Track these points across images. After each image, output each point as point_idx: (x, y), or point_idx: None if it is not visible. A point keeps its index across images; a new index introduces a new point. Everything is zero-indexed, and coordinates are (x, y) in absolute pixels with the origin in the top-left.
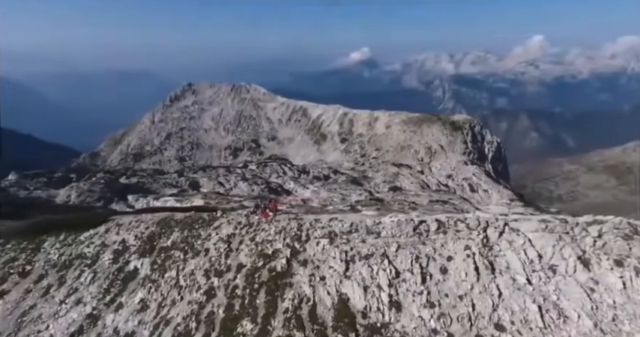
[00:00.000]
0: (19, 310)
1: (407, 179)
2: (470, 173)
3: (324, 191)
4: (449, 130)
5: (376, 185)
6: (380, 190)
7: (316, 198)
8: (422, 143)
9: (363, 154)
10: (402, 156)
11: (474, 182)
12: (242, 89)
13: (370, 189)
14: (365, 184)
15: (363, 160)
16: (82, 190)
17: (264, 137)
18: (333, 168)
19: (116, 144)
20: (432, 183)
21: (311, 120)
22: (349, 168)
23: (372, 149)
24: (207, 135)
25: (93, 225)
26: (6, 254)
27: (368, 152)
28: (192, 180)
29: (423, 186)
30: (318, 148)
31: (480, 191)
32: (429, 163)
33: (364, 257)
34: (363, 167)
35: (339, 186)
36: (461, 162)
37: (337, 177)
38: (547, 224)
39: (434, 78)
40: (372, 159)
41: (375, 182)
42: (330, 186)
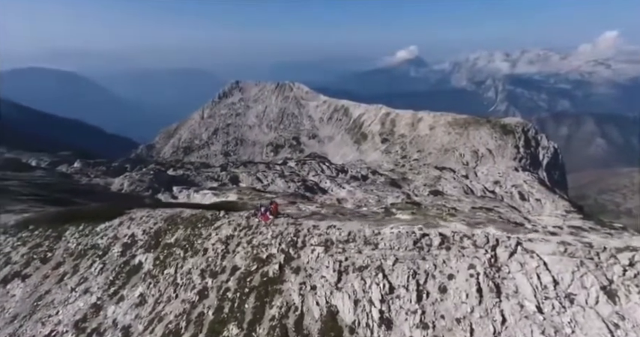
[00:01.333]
0: (36, 294)
1: (449, 183)
2: (520, 180)
3: (360, 191)
4: (499, 133)
5: (416, 188)
6: (419, 193)
7: (351, 199)
8: (468, 146)
9: (404, 156)
10: (446, 159)
11: (525, 190)
12: (286, 87)
13: (409, 192)
14: (404, 186)
15: (403, 162)
16: (134, 180)
17: (305, 135)
18: (372, 169)
19: (169, 138)
20: (477, 188)
21: (352, 120)
22: (388, 170)
23: (414, 150)
24: (251, 131)
25: (109, 217)
26: (33, 240)
27: (409, 153)
28: (232, 174)
29: (467, 192)
30: (358, 148)
31: (532, 200)
32: (474, 168)
33: (358, 269)
34: (403, 169)
35: (376, 188)
36: (511, 167)
37: (376, 178)
38: (567, 247)
39: (486, 77)
40: (413, 161)
41: (414, 185)
42: (367, 186)
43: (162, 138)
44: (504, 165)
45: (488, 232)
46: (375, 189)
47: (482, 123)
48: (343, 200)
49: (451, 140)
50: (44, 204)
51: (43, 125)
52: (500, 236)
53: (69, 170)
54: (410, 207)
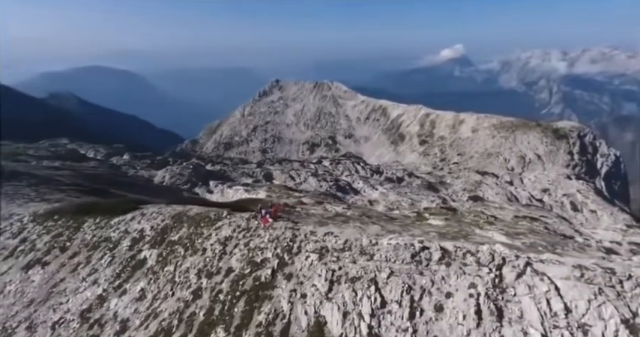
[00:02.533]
0: (52, 281)
1: (491, 189)
2: (573, 189)
3: (394, 194)
4: (550, 138)
5: (454, 192)
6: (457, 199)
7: (383, 201)
8: (514, 151)
9: (443, 158)
10: (488, 163)
11: (578, 200)
12: (324, 86)
13: (445, 197)
14: (441, 190)
15: (442, 165)
16: (174, 173)
17: (341, 134)
18: (409, 171)
19: (212, 134)
20: (523, 196)
21: (390, 120)
22: (426, 172)
23: (454, 153)
24: (289, 129)
25: (124, 211)
26: (55, 230)
27: (449, 156)
28: (266, 171)
29: (511, 199)
30: (395, 149)
31: (586, 211)
32: (520, 174)
33: (350, 280)
34: (441, 172)
35: (410, 190)
36: (562, 175)
37: (411, 181)
38: (584, 271)
39: (539, 78)
40: (453, 165)
41: (453, 189)
42: (401, 189)
43: (205, 134)
44: (555, 172)
45: (494, 249)
46: (409, 191)
47: (531, 126)
48: (375, 202)
49: (495, 144)
50: (82, 194)
51: (102, 119)
52: (508, 254)
53: (119, 162)
54: (444, 213)
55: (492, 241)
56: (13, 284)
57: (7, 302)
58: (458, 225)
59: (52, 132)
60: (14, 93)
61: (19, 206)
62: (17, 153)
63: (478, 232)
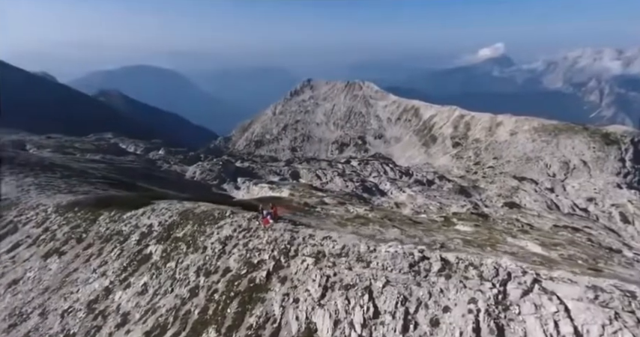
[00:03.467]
0: (66, 271)
1: (529, 196)
2: (624, 198)
3: (422, 197)
4: (598, 143)
5: (488, 198)
6: (491, 204)
7: (410, 204)
8: (556, 156)
9: (477, 162)
10: (527, 168)
11: (629, 211)
12: (355, 86)
13: (477, 202)
14: (474, 195)
15: (476, 168)
16: (204, 169)
17: (371, 135)
18: (440, 174)
19: (244, 131)
20: (565, 204)
21: (422, 121)
22: (458, 176)
23: (489, 157)
24: (318, 128)
25: (137, 206)
26: (74, 221)
27: (484, 160)
28: (294, 170)
29: (551, 207)
30: (426, 151)
31: (638, 224)
32: (563, 181)
33: (344, 287)
34: (475, 176)
35: (440, 194)
36: (611, 183)
37: (442, 184)
38: (599, 293)
39: (588, 78)
40: (488, 169)
41: (486, 194)
42: (431, 192)
43: (238, 131)
44: (603, 180)
45: (499, 263)
46: (438, 195)
47: (577, 130)
48: (402, 204)
49: (536, 148)
50: (109, 187)
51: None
52: (514, 269)
53: (155, 156)
54: (474, 219)
55: (525, 251)
56: (32, 271)
57: (25, 288)
58: (488, 232)
59: (99, 127)
60: (69, 90)
61: (47, 196)
62: (65, 146)
63: (510, 241)
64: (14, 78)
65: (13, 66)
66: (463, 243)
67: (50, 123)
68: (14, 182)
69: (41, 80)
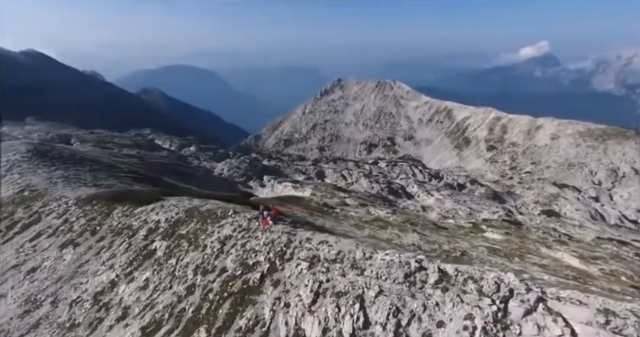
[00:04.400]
0: (79, 262)
1: (571, 204)
2: None
3: (451, 201)
4: None
5: (523, 205)
6: (526, 212)
7: (438, 208)
8: (603, 163)
9: (514, 167)
10: (569, 175)
11: None
12: (386, 86)
13: (511, 209)
14: (508, 201)
15: (512, 173)
16: (232, 166)
17: (401, 136)
18: (472, 178)
19: (274, 130)
20: (612, 215)
21: (455, 123)
22: (492, 181)
23: (527, 162)
24: (347, 128)
25: (148, 201)
26: (90, 214)
27: (521, 165)
28: (319, 169)
29: (595, 217)
30: (459, 154)
31: None
32: (610, 189)
33: (336, 294)
34: (510, 181)
35: (471, 199)
36: None
37: (474, 189)
38: (611, 318)
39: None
40: (525, 174)
41: (522, 201)
42: (461, 196)
43: (268, 129)
44: None
45: (501, 278)
46: (469, 200)
47: (629, 136)
48: (428, 208)
49: (580, 153)
50: (134, 181)
51: (181, 113)
52: (518, 286)
53: (186, 153)
54: (506, 226)
55: (558, 264)
56: (49, 260)
57: (41, 276)
58: (519, 241)
59: (140, 123)
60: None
61: (71, 189)
62: (105, 141)
63: (543, 251)
64: (68, 77)
65: (67, 66)
66: (488, 252)
67: (97, 120)
68: (45, 174)
69: (91, 79)
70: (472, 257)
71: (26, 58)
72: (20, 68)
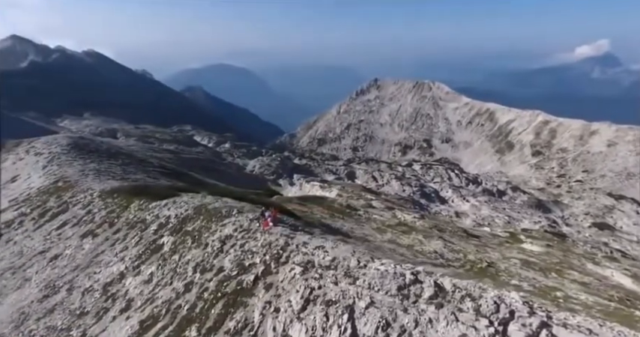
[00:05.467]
0: (95, 252)
1: (628, 218)
2: None
3: (487, 208)
4: None
5: (571, 216)
6: (574, 224)
7: (473, 214)
8: None
9: (562, 174)
10: (628, 185)
11: None
12: (424, 86)
13: (557, 219)
14: (553, 211)
15: (559, 181)
16: (263, 164)
17: (438, 138)
18: (514, 185)
19: (308, 129)
20: None
21: (497, 126)
22: (536, 188)
23: (578, 169)
24: (382, 129)
25: (163, 197)
26: (110, 207)
27: (570, 172)
28: (350, 170)
29: None
30: (500, 158)
31: None
32: None
33: (326, 303)
34: (557, 190)
35: (510, 206)
36: None
37: (515, 196)
38: None
39: None
40: (575, 183)
41: (570, 212)
42: (499, 203)
43: (302, 128)
44: None
45: (502, 298)
46: (508, 207)
47: None
48: (463, 214)
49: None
50: (161, 175)
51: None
52: (520, 308)
53: (221, 149)
54: (548, 238)
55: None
56: (70, 248)
57: (61, 264)
58: (561, 255)
59: (182, 120)
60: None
61: (99, 182)
62: (148, 136)
63: (589, 268)
64: (122, 76)
65: (122, 65)
66: (521, 265)
67: (145, 115)
68: (80, 166)
69: (142, 78)
70: (499, 270)
71: (87, 58)
72: (82, 67)
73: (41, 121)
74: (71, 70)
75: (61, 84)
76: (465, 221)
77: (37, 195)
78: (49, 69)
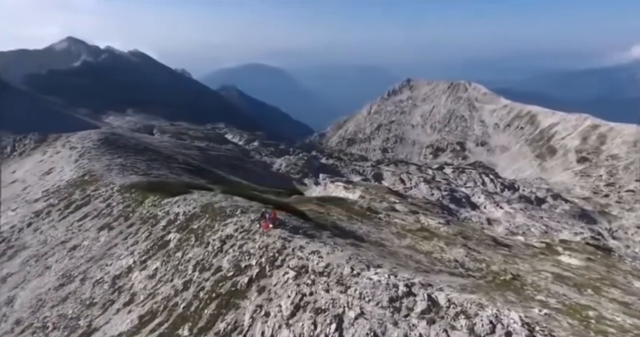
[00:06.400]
0: (110, 244)
1: None
2: None
3: (523, 216)
4: None
5: (620, 228)
6: (623, 237)
7: (506, 222)
8: None
9: (611, 183)
10: None
11: None
12: (460, 87)
13: (602, 231)
14: (599, 223)
15: (608, 190)
16: (290, 162)
17: (472, 141)
18: (555, 192)
19: (339, 129)
20: None
21: (539, 129)
22: (580, 197)
23: (630, 178)
24: (413, 130)
25: (176, 193)
26: (128, 201)
27: (621, 181)
28: (377, 171)
29: None
30: (541, 164)
31: None
32: None
33: (315, 310)
34: (605, 199)
35: (549, 216)
36: None
37: (556, 204)
38: None
39: None
40: (626, 193)
41: (619, 224)
42: (537, 212)
43: (333, 128)
44: None
45: (499, 318)
46: (547, 216)
47: None
48: (495, 222)
49: None
50: (184, 172)
51: (253, 109)
52: (519, 330)
53: (250, 147)
54: (590, 251)
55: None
56: (87, 240)
57: (78, 254)
58: (604, 271)
59: (217, 118)
60: (199, 85)
61: (122, 177)
62: (181, 133)
63: (637, 287)
64: (163, 75)
65: (163, 65)
66: (553, 279)
67: (182, 113)
68: (107, 161)
69: (181, 77)
70: (525, 283)
71: (133, 58)
72: (127, 67)
73: (89, 117)
74: (118, 70)
75: (108, 82)
76: (496, 229)
77: (66, 188)
78: (99, 68)
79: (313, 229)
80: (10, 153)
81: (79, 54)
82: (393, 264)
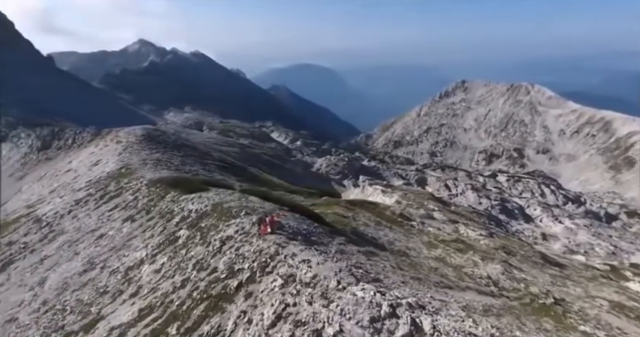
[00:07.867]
0: (130, 236)
1: None
2: None
3: (586, 233)
4: None
5: None
6: None
7: (565, 239)
8: None
9: None
10: None
11: None
12: (521, 90)
13: None
14: None
15: None
16: (330, 163)
17: (532, 148)
18: (631, 209)
19: (385, 130)
20: None
21: (614, 138)
22: None
23: None
24: (465, 134)
25: (194, 191)
26: (152, 195)
27: None
28: (420, 176)
29: None
30: (614, 176)
31: None
32: None
33: (295, 322)
34: None
35: (619, 235)
36: None
37: (631, 223)
38: None
39: None
40: None
41: None
42: (604, 230)
43: (379, 129)
44: None
45: None
46: (617, 235)
47: None
48: (552, 237)
49: None
50: (217, 169)
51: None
52: None
53: (293, 146)
54: None
55: None
56: (113, 230)
57: (103, 243)
58: None
59: (266, 116)
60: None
61: (154, 171)
62: (228, 130)
63: None
64: (219, 74)
65: (220, 65)
66: (610, 308)
67: (235, 111)
68: (145, 156)
69: (235, 76)
70: (570, 310)
71: (193, 59)
72: (188, 67)
73: (152, 114)
74: (180, 69)
75: (171, 81)
76: (552, 245)
77: (105, 179)
78: (164, 68)
79: (322, 234)
80: (70, 145)
81: (148, 55)
82: (404, 278)
